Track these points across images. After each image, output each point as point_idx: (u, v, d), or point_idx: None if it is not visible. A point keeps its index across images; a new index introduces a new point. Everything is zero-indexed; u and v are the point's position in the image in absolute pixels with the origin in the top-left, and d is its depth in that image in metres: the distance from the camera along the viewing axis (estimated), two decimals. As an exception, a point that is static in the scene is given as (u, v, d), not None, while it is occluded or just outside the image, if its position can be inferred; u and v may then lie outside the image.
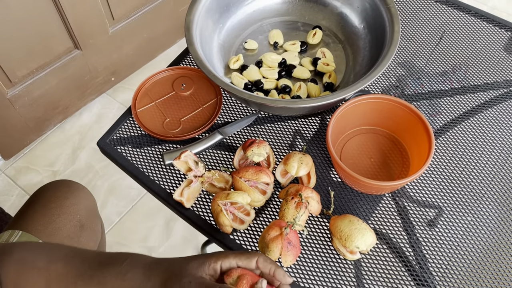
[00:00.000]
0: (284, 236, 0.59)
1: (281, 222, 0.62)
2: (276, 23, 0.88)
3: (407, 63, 0.85)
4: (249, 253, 0.48)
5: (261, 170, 0.68)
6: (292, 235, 0.60)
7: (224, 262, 0.47)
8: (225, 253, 0.47)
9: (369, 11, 0.80)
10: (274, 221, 0.63)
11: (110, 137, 0.76)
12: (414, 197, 0.69)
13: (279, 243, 0.59)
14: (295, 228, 0.60)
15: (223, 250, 0.50)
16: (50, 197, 0.86)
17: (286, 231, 0.59)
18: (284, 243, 0.58)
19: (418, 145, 0.69)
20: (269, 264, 0.48)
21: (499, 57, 0.85)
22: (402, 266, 0.63)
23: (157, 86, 0.81)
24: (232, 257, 0.47)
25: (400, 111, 0.70)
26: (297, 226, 0.61)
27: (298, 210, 0.62)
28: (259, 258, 0.48)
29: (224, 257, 0.47)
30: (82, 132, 1.58)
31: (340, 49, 0.84)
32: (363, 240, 0.60)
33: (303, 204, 0.63)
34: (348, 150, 0.73)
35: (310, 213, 0.66)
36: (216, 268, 0.47)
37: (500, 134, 0.75)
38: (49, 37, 1.33)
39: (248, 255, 0.48)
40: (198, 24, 0.77)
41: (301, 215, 0.62)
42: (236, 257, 0.47)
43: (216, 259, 0.47)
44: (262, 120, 0.78)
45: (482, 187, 0.70)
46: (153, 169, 0.73)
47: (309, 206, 0.64)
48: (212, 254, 0.48)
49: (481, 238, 0.65)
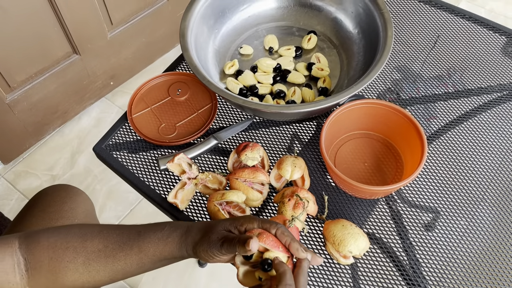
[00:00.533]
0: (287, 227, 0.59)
1: (283, 217, 0.62)
2: (271, 28, 0.89)
3: (402, 67, 0.85)
4: (271, 223, 0.51)
5: (257, 170, 0.69)
6: (293, 231, 0.60)
7: (248, 226, 0.51)
8: (251, 219, 0.52)
9: (363, 16, 0.80)
10: (277, 215, 0.63)
11: (106, 142, 0.77)
12: (411, 201, 0.70)
13: None
14: (296, 223, 0.61)
15: (249, 215, 0.54)
16: (48, 202, 0.87)
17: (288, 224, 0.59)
18: None
19: (412, 149, 0.69)
20: (285, 236, 0.51)
21: (494, 61, 0.85)
22: (396, 271, 0.63)
23: (153, 92, 0.82)
24: (256, 223, 0.51)
25: (393, 116, 0.71)
26: (298, 222, 0.61)
27: (297, 210, 0.63)
28: (279, 228, 0.51)
29: (249, 222, 0.51)
30: (81, 136, 1.58)
31: (335, 54, 0.84)
32: (356, 244, 0.60)
33: (301, 203, 0.63)
34: (342, 155, 0.74)
35: (307, 213, 0.66)
36: (241, 229, 0.51)
37: (495, 137, 0.76)
38: (47, 42, 1.34)
39: (270, 223, 0.51)
40: (193, 30, 0.77)
41: (301, 214, 0.62)
42: (260, 222, 0.51)
43: (242, 223, 0.51)
44: (257, 125, 0.79)
45: (478, 190, 0.70)
46: (148, 174, 0.74)
47: (307, 206, 0.64)
48: (239, 218, 0.52)
49: (476, 242, 0.65)
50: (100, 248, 0.54)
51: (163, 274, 1.28)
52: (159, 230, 0.54)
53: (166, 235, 0.54)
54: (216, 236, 0.50)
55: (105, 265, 0.54)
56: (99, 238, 0.55)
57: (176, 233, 0.53)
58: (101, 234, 0.56)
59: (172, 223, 0.56)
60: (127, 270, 0.55)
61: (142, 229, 0.55)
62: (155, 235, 0.54)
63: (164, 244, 0.53)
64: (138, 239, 0.54)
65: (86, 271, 0.54)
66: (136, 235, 0.55)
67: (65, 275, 0.54)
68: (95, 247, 0.54)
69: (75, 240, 0.55)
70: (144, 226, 0.56)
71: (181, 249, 0.53)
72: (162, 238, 0.54)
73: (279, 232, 0.51)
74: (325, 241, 0.65)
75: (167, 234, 0.54)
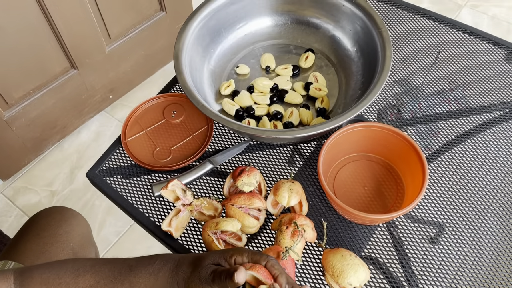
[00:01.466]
0: (281, 260, 0.58)
1: (278, 248, 0.61)
2: (268, 47, 0.87)
3: (403, 81, 0.83)
4: (261, 255, 0.51)
5: (254, 196, 0.67)
6: (288, 263, 0.59)
7: (238, 258, 0.50)
8: (241, 251, 0.51)
9: (361, 34, 0.79)
10: (271, 246, 0.62)
11: (100, 168, 0.75)
12: (414, 216, 0.68)
13: None
14: (291, 254, 0.59)
15: (239, 247, 0.55)
16: (43, 225, 0.85)
17: (283, 256, 0.58)
18: None
19: (412, 172, 0.67)
20: (275, 270, 0.50)
21: (496, 76, 0.83)
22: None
23: (147, 114, 0.81)
24: (245, 255, 0.51)
25: (393, 139, 0.69)
26: (293, 254, 0.59)
27: (295, 239, 0.61)
28: (269, 261, 0.51)
29: (238, 254, 0.51)
30: (80, 151, 1.57)
31: (333, 73, 0.83)
32: (355, 276, 0.58)
33: (299, 232, 0.61)
34: (342, 178, 0.72)
35: (306, 241, 0.65)
36: (231, 262, 0.50)
37: (498, 154, 0.74)
38: (45, 58, 1.33)
39: (260, 256, 0.51)
40: (188, 51, 0.76)
41: (297, 243, 0.61)
42: (249, 255, 0.51)
43: (231, 255, 0.51)
44: (254, 147, 0.77)
45: (482, 208, 0.68)
46: (142, 201, 0.72)
47: (305, 234, 0.63)
48: (228, 250, 0.52)
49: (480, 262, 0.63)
50: (92, 283, 0.53)
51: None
52: (150, 264, 0.53)
53: (157, 269, 0.52)
54: (206, 271, 0.49)
55: None
56: (91, 273, 0.54)
57: (167, 268, 0.52)
58: (93, 269, 0.55)
59: (163, 256, 0.54)
60: None
61: (134, 263, 0.54)
62: (146, 269, 0.53)
63: (155, 279, 0.52)
64: (129, 274, 0.53)
65: None
66: (127, 269, 0.54)
67: None
68: (86, 283, 0.54)
69: (67, 275, 0.54)
70: (136, 260, 0.55)
71: (172, 284, 0.51)
72: (153, 273, 0.52)
73: (269, 264, 0.50)
74: (324, 271, 0.63)
75: (158, 268, 0.52)
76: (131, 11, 1.48)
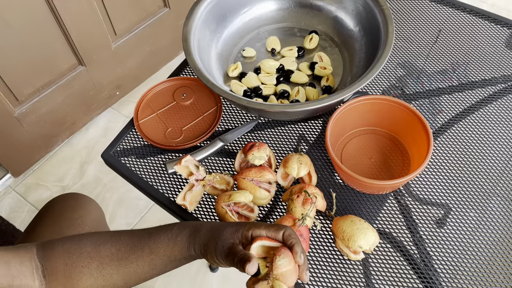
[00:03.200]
0: (297, 227, 0.60)
1: (292, 216, 0.63)
2: (273, 30, 0.89)
3: (405, 62, 0.86)
4: (278, 226, 0.52)
5: (264, 169, 0.69)
6: (303, 228, 0.61)
7: (255, 231, 0.51)
8: (258, 224, 0.52)
9: (363, 13, 0.81)
10: (284, 216, 0.63)
11: (114, 149, 0.78)
12: (421, 196, 0.69)
13: None
14: (306, 222, 0.61)
15: (256, 222, 0.54)
16: (58, 211, 0.87)
17: (299, 223, 0.60)
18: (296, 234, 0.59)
19: (418, 143, 0.69)
20: (292, 238, 0.51)
21: (497, 53, 0.85)
22: (408, 265, 0.63)
23: (158, 97, 0.83)
24: (263, 228, 0.51)
25: (398, 111, 0.71)
26: (308, 219, 0.61)
27: (306, 206, 0.63)
28: (286, 231, 0.51)
29: (255, 227, 0.51)
30: (89, 147, 1.60)
31: (337, 53, 0.85)
32: (365, 239, 0.60)
33: (310, 199, 0.63)
34: (349, 151, 0.74)
35: (317, 209, 0.67)
36: (247, 236, 0.51)
37: (503, 128, 0.75)
38: (53, 55, 1.36)
39: (276, 227, 0.52)
40: (196, 35, 0.78)
41: (310, 210, 0.63)
42: (266, 228, 0.52)
43: (248, 228, 0.51)
44: (262, 125, 0.79)
45: (488, 183, 0.70)
46: (156, 179, 0.74)
47: (316, 201, 0.65)
48: (245, 223, 0.52)
49: (488, 234, 0.65)
50: (113, 251, 0.56)
51: (175, 281, 1.29)
52: (169, 230, 0.55)
53: (175, 234, 0.54)
54: (222, 244, 0.51)
55: (118, 269, 0.55)
56: (112, 242, 0.57)
57: (185, 233, 0.54)
58: (113, 238, 0.57)
59: (181, 223, 0.56)
60: (139, 272, 0.55)
61: (153, 231, 0.57)
62: (165, 235, 0.55)
63: (173, 243, 0.54)
64: (148, 240, 0.55)
65: (100, 276, 0.55)
66: (146, 236, 0.56)
67: (80, 280, 0.55)
68: (107, 251, 0.56)
69: (89, 245, 0.56)
70: (154, 228, 0.57)
71: (190, 249, 0.53)
72: (171, 238, 0.54)
73: (287, 234, 0.51)
74: (334, 237, 0.65)
75: (176, 233, 0.54)
76: (135, 8, 1.51)
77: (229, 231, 0.52)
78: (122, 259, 0.55)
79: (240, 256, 0.48)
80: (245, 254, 0.48)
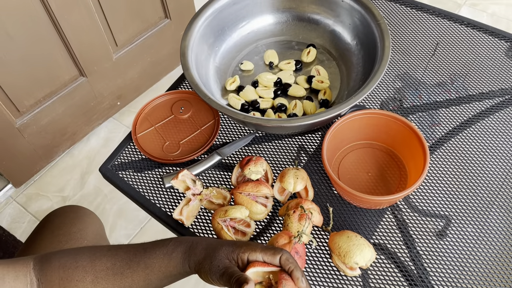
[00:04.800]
0: (292, 244, 0.59)
1: (288, 232, 0.62)
2: (271, 44, 0.90)
3: (404, 75, 0.86)
4: (274, 250, 0.51)
5: (261, 183, 0.69)
6: (299, 246, 0.61)
7: (251, 255, 0.51)
8: (253, 247, 0.51)
9: (360, 27, 0.81)
10: (280, 232, 0.63)
11: (112, 162, 0.78)
12: (419, 207, 0.69)
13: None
14: (303, 239, 0.61)
15: (252, 243, 0.53)
16: (58, 224, 0.88)
17: (295, 240, 0.60)
18: (292, 252, 0.59)
19: (415, 158, 0.69)
20: (290, 263, 0.50)
21: (495, 66, 0.85)
22: (404, 281, 0.63)
23: (156, 111, 0.83)
24: (259, 251, 0.51)
25: (394, 125, 0.71)
26: (304, 236, 0.61)
27: (302, 222, 0.63)
28: (283, 255, 0.51)
29: (251, 250, 0.51)
30: (90, 157, 1.60)
31: (335, 66, 0.85)
32: (361, 255, 0.60)
33: (306, 215, 0.63)
34: (346, 165, 0.74)
35: (313, 224, 0.66)
36: (243, 258, 0.51)
37: (500, 141, 0.75)
38: (54, 66, 1.37)
39: (273, 251, 0.51)
40: (194, 49, 0.79)
41: (306, 226, 0.63)
42: (262, 251, 0.51)
43: (244, 250, 0.51)
44: (260, 139, 0.79)
45: (487, 195, 0.70)
46: (153, 193, 0.74)
47: (312, 217, 0.65)
48: (241, 245, 0.52)
49: (486, 248, 0.65)
50: (108, 266, 0.56)
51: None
52: (164, 246, 0.55)
53: (170, 250, 0.55)
54: (218, 264, 0.50)
55: (113, 283, 0.55)
56: (107, 256, 0.57)
57: (180, 249, 0.54)
58: (109, 253, 0.57)
59: (176, 238, 0.56)
60: (134, 287, 0.55)
61: (148, 246, 0.57)
62: (160, 250, 0.55)
63: (168, 259, 0.54)
64: (144, 255, 0.56)
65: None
66: (142, 252, 0.56)
67: None
68: (103, 265, 0.56)
69: (84, 259, 0.57)
70: (150, 243, 0.57)
71: (185, 265, 0.53)
72: (167, 253, 0.54)
73: (284, 258, 0.51)
74: (331, 253, 0.65)
75: (171, 249, 0.55)
76: (136, 19, 1.52)
77: (224, 251, 0.52)
78: (117, 274, 0.55)
79: (236, 277, 0.48)
80: (241, 276, 0.48)
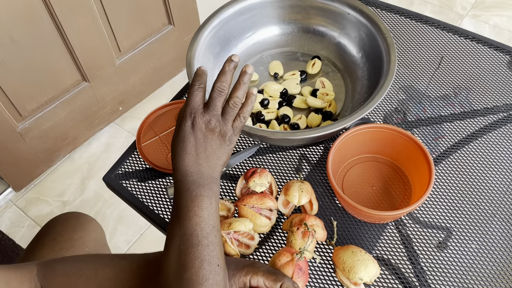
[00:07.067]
0: (295, 262, 0.59)
1: (290, 249, 0.62)
2: (276, 54, 0.90)
3: (408, 87, 0.86)
4: (276, 276, 0.51)
5: (265, 196, 0.69)
6: (302, 262, 0.61)
7: (252, 278, 0.51)
8: (255, 270, 0.51)
9: (366, 41, 0.81)
10: (284, 248, 0.63)
11: (115, 172, 0.78)
12: (421, 219, 0.69)
13: (290, 268, 0.59)
14: (305, 255, 0.61)
15: (255, 264, 0.53)
16: (59, 231, 0.87)
17: (297, 257, 0.60)
18: (295, 268, 0.59)
19: (419, 172, 0.69)
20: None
21: (499, 80, 0.86)
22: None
23: (161, 120, 0.83)
24: (260, 274, 0.51)
25: (399, 139, 0.71)
26: (307, 253, 0.61)
27: (306, 239, 0.63)
28: (284, 283, 0.51)
29: (253, 273, 0.51)
30: (90, 162, 1.60)
31: (339, 78, 0.85)
32: (366, 271, 0.60)
33: (309, 233, 0.63)
34: (350, 179, 0.74)
35: (317, 240, 0.66)
36: (245, 281, 0.51)
37: (504, 156, 0.75)
38: (57, 71, 1.37)
39: (275, 277, 0.51)
40: (200, 59, 0.79)
41: (309, 244, 0.63)
42: (264, 275, 0.51)
43: (246, 273, 0.51)
44: (264, 150, 0.79)
45: (490, 210, 0.70)
46: (157, 203, 0.74)
47: (315, 234, 0.65)
48: (243, 267, 0.52)
49: (489, 262, 0.65)
50: (111, 276, 0.56)
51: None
52: None
53: None
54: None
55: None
56: (110, 267, 0.57)
57: None
58: (112, 263, 0.57)
59: None
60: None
61: (151, 257, 0.56)
62: None
63: None
64: (146, 267, 0.55)
65: None
66: (144, 264, 0.56)
67: None
68: (106, 275, 0.56)
69: (88, 268, 0.57)
70: (153, 254, 0.57)
71: None
72: None
73: (285, 287, 0.51)
74: (335, 267, 0.65)
75: None
76: (140, 25, 1.52)
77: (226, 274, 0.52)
78: (119, 286, 0.55)
79: None
80: None
